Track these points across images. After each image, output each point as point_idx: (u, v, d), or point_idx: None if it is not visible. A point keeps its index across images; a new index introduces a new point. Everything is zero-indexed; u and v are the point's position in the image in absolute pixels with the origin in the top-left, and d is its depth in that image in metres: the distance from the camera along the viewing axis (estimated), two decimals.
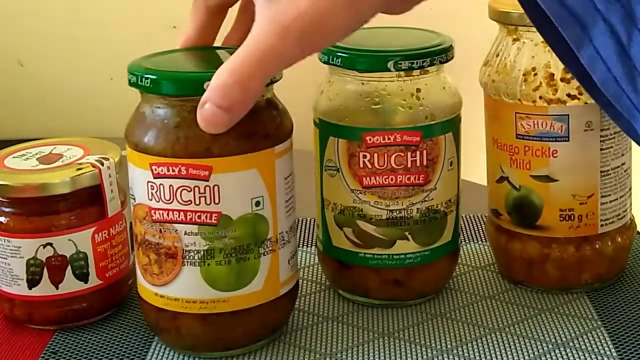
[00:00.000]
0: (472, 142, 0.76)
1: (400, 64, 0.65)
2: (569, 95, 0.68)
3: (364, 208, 0.67)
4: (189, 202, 0.60)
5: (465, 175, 0.73)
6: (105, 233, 0.67)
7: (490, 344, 0.65)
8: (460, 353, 0.64)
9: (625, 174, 0.71)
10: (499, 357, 0.63)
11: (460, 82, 0.69)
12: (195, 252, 0.61)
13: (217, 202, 0.60)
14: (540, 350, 0.64)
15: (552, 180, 0.69)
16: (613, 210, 0.70)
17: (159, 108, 0.61)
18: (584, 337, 0.65)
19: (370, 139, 0.66)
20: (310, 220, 0.83)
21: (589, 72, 0.51)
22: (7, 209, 0.66)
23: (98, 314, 0.69)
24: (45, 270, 0.66)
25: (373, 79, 0.67)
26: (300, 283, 0.73)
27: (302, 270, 0.75)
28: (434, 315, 0.69)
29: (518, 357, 0.63)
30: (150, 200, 0.61)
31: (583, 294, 0.71)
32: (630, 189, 0.72)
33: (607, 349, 0.64)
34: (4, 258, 0.66)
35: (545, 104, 0.68)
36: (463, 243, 0.79)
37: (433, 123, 0.67)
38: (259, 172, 0.61)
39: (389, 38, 0.71)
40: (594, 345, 0.64)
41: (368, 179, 0.67)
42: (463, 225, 0.82)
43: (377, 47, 0.67)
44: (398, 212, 0.67)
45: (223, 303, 0.62)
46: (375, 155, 0.66)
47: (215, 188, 0.60)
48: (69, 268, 0.66)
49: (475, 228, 0.82)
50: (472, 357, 0.63)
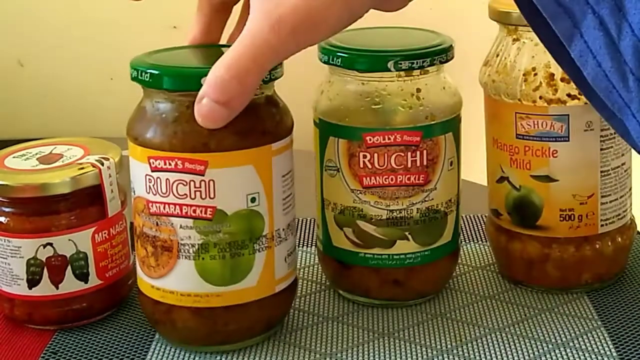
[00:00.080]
0: (472, 142, 0.76)
1: (400, 64, 0.65)
2: (569, 95, 0.68)
3: (364, 208, 0.67)
4: (185, 196, 0.61)
5: (465, 175, 0.73)
6: (105, 233, 0.67)
7: (490, 344, 0.65)
8: (460, 353, 0.64)
9: (625, 174, 0.71)
10: (499, 357, 0.63)
11: (460, 82, 0.69)
12: (190, 245, 0.62)
13: (212, 196, 0.61)
14: (540, 350, 0.64)
15: (552, 180, 0.69)
16: (613, 210, 0.70)
17: (159, 103, 0.62)
18: (584, 337, 0.65)
19: (371, 139, 0.66)
20: (310, 220, 0.83)
21: (580, 67, 0.51)
22: (7, 209, 0.66)
23: (98, 314, 0.69)
24: (45, 270, 0.66)
25: (373, 79, 0.67)
26: (300, 283, 0.73)
27: (302, 270, 0.75)
28: (434, 315, 0.69)
29: (518, 357, 0.63)
30: (148, 193, 0.62)
31: (583, 294, 0.71)
32: (630, 189, 0.72)
33: (607, 349, 0.64)
34: (4, 258, 0.66)
35: (545, 104, 0.68)
36: (463, 243, 0.79)
37: (433, 123, 0.67)
38: (255, 168, 0.61)
39: (389, 38, 0.71)
40: (594, 345, 0.64)
41: (368, 179, 0.67)
42: (463, 225, 0.82)
43: (377, 47, 0.67)
44: (398, 212, 0.67)
45: (217, 297, 0.62)
46: (376, 155, 0.66)
47: (211, 183, 0.60)
48: (69, 268, 0.66)
49: (475, 228, 0.82)
50: (472, 357, 0.63)
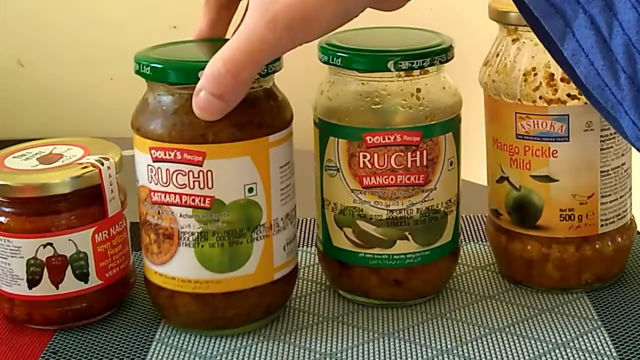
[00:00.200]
0: (472, 142, 0.76)
1: (400, 64, 0.65)
2: (569, 95, 0.68)
3: (364, 208, 0.67)
4: (184, 185, 0.63)
5: (465, 175, 0.73)
6: (105, 233, 0.67)
7: (490, 344, 0.65)
8: (460, 353, 0.64)
9: (625, 174, 0.71)
10: (499, 357, 0.63)
11: (460, 82, 0.69)
12: (190, 233, 0.63)
13: (210, 186, 0.62)
14: (540, 350, 0.64)
15: (552, 180, 0.69)
16: (613, 210, 0.70)
17: (160, 95, 0.64)
18: (584, 337, 0.65)
19: (370, 139, 0.66)
20: (310, 220, 0.83)
21: (573, 66, 0.51)
22: (7, 209, 0.66)
23: (98, 314, 0.69)
24: (45, 270, 0.66)
25: (373, 79, 0.67)
26: (300, 283, 0.73)
27: (302, 270, 0.75)
28: (434, 315, 0.69)
29: (518, 357, 0.63)
30: (150, 183, 0.64)
31: (583, 294, 0.71)
32: (630, 189, 0.72)
33: (607, 349, 0.64)
34: (4, 258, 0.66)
35: (545, 104, 0.68)
36: (463, 243, 0.79)
37: (433, 123, 0.67)
38: (253, 159, 0.63)
39: (389, 38, 0.71)
40: (594, 345, 0.64)
41: (368, 179, 0.67)
42: (463, 225, 0.82)
43: (377, 47, 0.67)
44: (398, 212, 0.67)
45: (216, 284, 0.64)
46: (375, 155, 0.66)
47: (209, 173, 0.62)
48: (69, 268, 0.66)
49: (475, 228, 0.82)
50: (472, 357, 0.63)
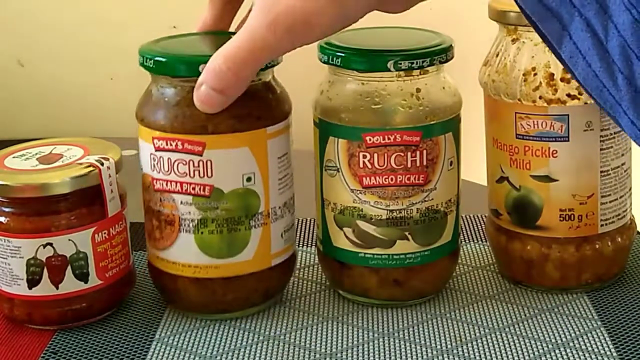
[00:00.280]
0: (472, 142, 0.76)
1: (400, 64, 0.65)
2: (569, 95, 0.68)
3: (364, 208, 0.67)
4: (185, 174, 0.65)
5: (465, 175, 0.73)
6: (105, 233, 0.67)
7: (490, 344, 0.65)
8: (460, 353, 0.64)
9: (625, 174, 0.71)
10: (499, 357, 0.63)
11: (460, 82, 0.69)
12: (190, 220, 0.66)
13: (209, 175, 0.65)
14: (540, 350, 0.64)
15: (552, 180, 0.69)
16: (613, 210, 0.70)
17: (163, 87, 0.66)
18: (584, 337, 0.65)
19: (370, 139, 0.66)
20: (310, 220, 0.83)
21: (571, 68, 0.51)
22: (7, 209, 0.66)
23: (98, 314, 0.69)
24: (45, 270, 0.66)
25: (373, 79, 0.67)
26: (300, 283, 0.73)
27: (302, 270, 0.75)
28: (434, 315, 0.69)
29: (518, 357, 0.63)
30: (153, 171, 0.66)
31: (583, 294, 0.71)
32: (630, 189, 0.72)
33: (607, 349, 0.64)
34: (4, 258, 0.66)
35: (545, 104, 0.68)
36: (463, 243, 0.79)
37: (433, 123, 0.67)
38: (251, 150, 0.65)
39: (389, 38, 0.71)
40: (594, 345, 0.64)
41: (368, 179, 0.67)
42: (463, 225, 0.82)
43: (377, 47, 0.67)
44: (398, 212, 0.67)
45: (215, 269, 0.67)
46: (375, 155, 0.66)
47: (208, 163, 0.64)
48: (69, 268, 0.66)
49: (475, 228, 0.82)
50: (472, 357, 0.63)
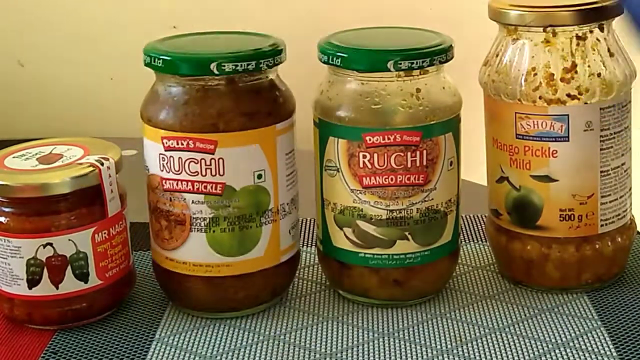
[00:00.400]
0: (472, 142, 0.76)
1: (400, 64, 0.65)
2: (569, 95, 0.68)
3: (364, 208, 0.67)
4: (196, 173, 0.65)
5: (465, 175, 0.73)
6: (105, 233, 0.67)
7: (490, 344, 0.65)
8: (460, 353, 0.64)
9: (625, 174, 0.71)
10: (499, 357, 0.63)
11: (460, 82, 0.69)
12: (202, 219, 0.66)
13: (221, 173, 0.65)
14: (540, 350, 0.64)
15: (552, 180, 0.69)
16: (613, 210, 0.70)
17: (171, 86, 0.66)
18: (584, 337, 0.65)
19: (370, 139, 0.66)
20: (310, 220, 0.83)
21: None
22: (7, 209, 0.66)
23: (98, 314, 0.69)
24: (45, 270, 0.66)
25: (373, 79, 0.67)
26: (300, 283, 0.73)
27: (302, 270, 0.75)
28: (434, 315, 0.69)
29: (518, 357, 0.63)
30: (162, 171, 0.66)
31: (583, 294, 0.71)
32: (630, 189, 0.72)
33: (607, 349, 0.64)
34: (4, 258, 0.66)
35: (545, 104, 0.68)
36: (463, 243, 0.79)
37: (433, 123, 0.67)
38: (261, 147, 0.66)
39: (389, 38, 0.71)
40: (594, 345, 0.64)
41: (368, 179, 0.67)
42: (463, 225, 0.82)
43: (377, 47, 0.67)
44: (398, 212, 0.67)
45: (227, 267, 0.67)
46: (375, 155, 0.66)
47: (220, 161, 0.65)
48: (69, 268, 0.66)
49: (475, 228, 0.82)
50: (472, 357, 0.63)
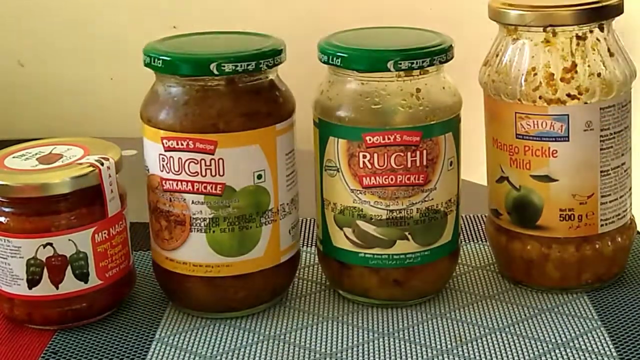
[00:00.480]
0: (472, 142, 0.76)
1: (400, 64, 0.65)
2: (569, 95, 0.68)
3: (364, 208, 0.67)
4: (196, 173, 0.65)
5: (465, 175, 0.73)
6: (105, 233, 0.67)
7: (490, 344, 0.65)
8: (460, 353, 0.64)
9: (625, 174, 0.71)
10: (499, 357, 0.63)
11: (460, 82, 0.69)
12: (202, 219, 0.66)
13: (221, 174, 0.65)
14: (540, 350, 0.64)
15: (552, 180, 0.69)
16: (613, 210, 0.70)
17: (170, 87, 0.66)
18: (584, 337, 0.65)
19: (370, 139, 0.66)
20: (310, 220, 0.83)
21: None
22: (7, 209, 0.66)
23: (98, 314, 0.69)
24: (45, 270, 0.66)
25: (373, 79, 0.67)
26: (300, 283, 0.73)
27: (302, 270, 0.75)
28: (434, 315, 0.69)
29: (518, 357, 0.63)
30: (162, 172, 0.66)
31: (583, 294, 0.71)
32: (630, 189, 0.72)
33: (607, 349, 0.64)
34: (4, 258, 0.66)
35: (545, 104, 0.68)
36: (463, 243, 0.79)
37: (433, 123, 0.67)
38: (261, 147, 0.66)
39: (389, 38, 0.71)
40: (594, 345, 0.64)
41: (368, 179, 0.67)
42: (463, 225, 0.82)
43: (377, 47, 0.67)
44: (398, 212, 0.67)
45: (227, 267, 0.67)
46: (375, 155, 0.66)
47: (220, 161, 0.65)
48: (69, 268, 0.66)
49: (475, 228, 0.82)
50: (472, 357, 0.63)
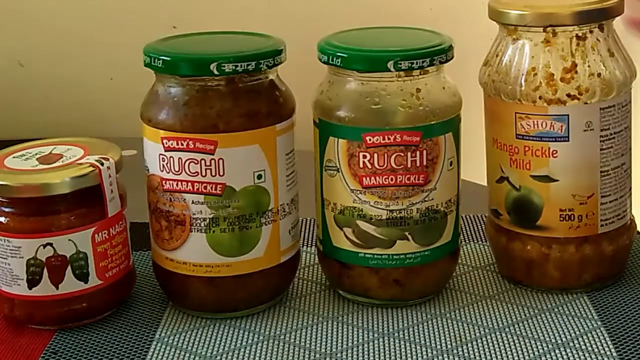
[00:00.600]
0: (472, 142, 0.76)
1: (400, 64, 0.65)
2: (569, 95, 0.68)
3: (364, 208, 0.67)
4: (196, 173, 0.65)
5: (465, 175, 0.73)
6: (105, 233, 0.67)
7: (490, 344, 0.65)
8: (460, 353, 0.64)
9: (625, 174, 0.71)
10: (499, 357, 0.63)
11: (460, 82, 0.69)
12: (202, 219, 0.66)
13: (221, 174, 0.65)
14: (540, 350, 0.64)
15: (552, 180, 0.69)
16: (613, 210, 0.70)
17: (171, 87, 0.66)
18: (584, 337, 0.65)
19: (370, 139, 0.66)
20: (310, 220, 0.83)
21: None
22: (7, 209, 0.66)
23: (98, 314, 0.69)
24: (45, 270, 0.66)
25: (373, 79, 0.67)
26: (300, 283, 0.73)
27: (302, 270, 0.75)
28: (434, 315, 0.69)
29: (518, 357, 0.63)
30: (162, 172, 0.66)
31: (583, 294, 0.71)
32: (630, 189, 0.72)
33: (607, 349, 0.64)
34: (4, 258, 0.66)
35: (545, 104, 0.68)
36: (463, 243, 0.79)
37: (433, 123, 0.67)
38: (261, 147, 0.66)
39: (389, 38, 0.71)
40: (594, 345, 0.64)
41: (368, 179, 0.67)
42: (463, 225, 0.82)
43: (377, 47, 0.67)
44: (398, 212, 0.67)
45: (227, 267, 0.67)
46: (375, 155, 0.66)
47: (220, 161, 0.65)
48: (69, 268, 0.66)
49: (475, 228, 0.82)
50: (472, 357, 0.63)
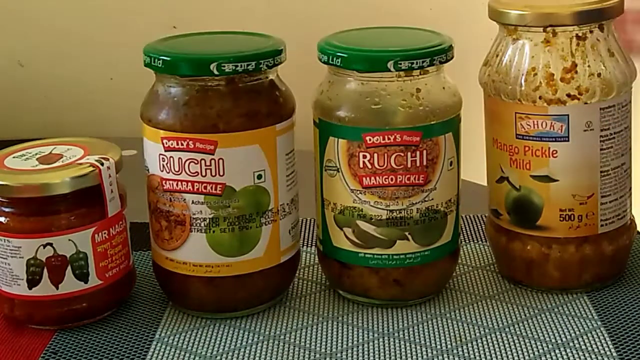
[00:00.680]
0: (472, 142, 0.76)
1: (400, 64, 0.65)
2: (569, 95, 0.68)
3: (364, 208, 0.67)
4: (196, 173, 0.65)
5: (465, 175, 0.73)
6: (105, 233, 0.67)
7: (490, 344, 0.65)
8: (460, 353, 0.64)
9: (625, 174, 0.71)
10: (499, 357, 0.63)
11: (460, 82, 0.69)
12: (202, 219, 0.66)
13: (221, 174, 0.65)
14: (540, 350, 0.64)
15: (552, 180, 0.69)
16: (613, 210, 0.70)
17: (170, 87, 0.66)
18: (584, 337, 0.65)
19: (370, 139, 0.66)
20: (310, 220, 0.83)
21: None
22: (7, 209, 0.66)
23: (98, 314, 0.69)
24: (45, 270, 0.66)
25: (373, 79, 0.67)
26: (300, 283, 0.73)
27: (302, 270, 0.75)
28: (434, 315, 0.69)
29: (518, 357, 0.63)
30: (162, 172, 0.66)
31: (583, 294, 0.71)
32: (630, 189, 0.72)
33: (607, 349, 0.64)
34: (4, 258, 0.66)
35: (545, 104, 0.68)
36: (463, 243, 0.79)
37: (433, 123, 0.67)
38: (261, 147, 0.66)
39: (389, 38, 0.71)
40: (594, 345, 0.64)
41: (368, 179, 0.67)
42: (463, 225, 0.82)
43: (377, 47, 0.67)
44: (398, 212, 0.67)
45: (227, 267, 0.67)
46: (375, 155, 0.66)
47: (220, 161, 0.65)
48: (69, 268, 0.66)
49: (475, 228, 0.82)
50: (472, 357, 0.63)
